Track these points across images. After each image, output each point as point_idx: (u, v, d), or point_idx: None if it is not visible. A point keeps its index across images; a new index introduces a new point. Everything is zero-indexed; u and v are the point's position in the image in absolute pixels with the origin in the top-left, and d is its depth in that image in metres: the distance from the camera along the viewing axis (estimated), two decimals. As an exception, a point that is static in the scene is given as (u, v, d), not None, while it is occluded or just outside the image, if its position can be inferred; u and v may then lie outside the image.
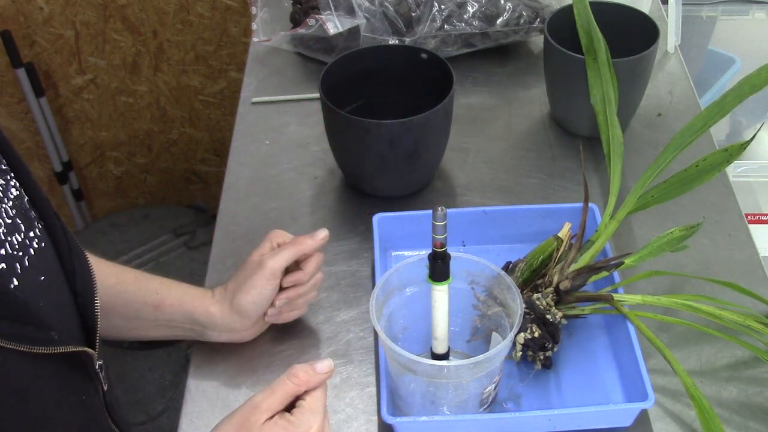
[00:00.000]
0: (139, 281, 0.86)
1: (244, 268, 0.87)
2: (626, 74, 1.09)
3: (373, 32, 1.28)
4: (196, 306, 0.86)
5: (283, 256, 0.85)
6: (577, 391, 0.88)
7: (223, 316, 0.86)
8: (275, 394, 0.66)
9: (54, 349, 0.60)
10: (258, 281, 0.84)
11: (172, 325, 0.88)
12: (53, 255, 0.65)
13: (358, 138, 1.04)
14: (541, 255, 0.95)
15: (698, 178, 0.94)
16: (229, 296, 0.86)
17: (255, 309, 0.86)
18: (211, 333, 0.88)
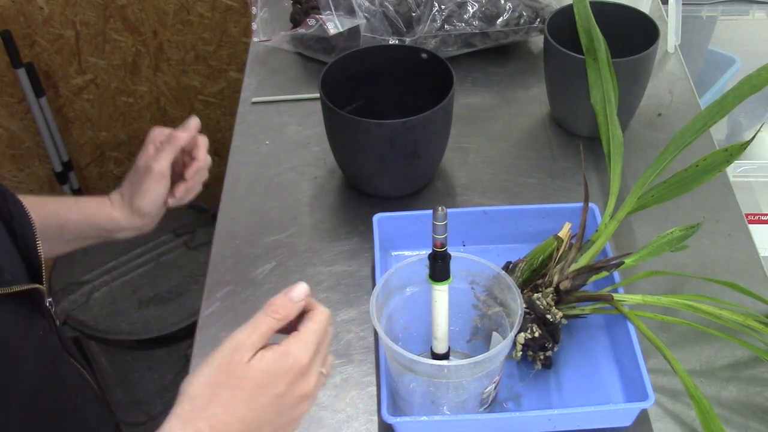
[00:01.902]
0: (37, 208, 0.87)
1: (134, 172, 0.92)
2: (626, 74, 1.09)
3: (373, 32, 1.28)
4: (99, 216, 0.92)
5: (165, 157, 0.91)
6: (577, 391, 0.88)
7: (126, 218, 0.92)
8: (258, 330, 0.62)
9: (9, 288, 0.63)
10: (150, 185, 0.90)
11: (80, 237, 0.93)
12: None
13: (358, 138, 1.04)
14: (541, 255, 0.95)
15: (698, 178, 0.94)
16: (127, 202, 0.92)
17: (153, 208, 0.92)
18: (118, 234, 0.94)
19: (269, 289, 1.00)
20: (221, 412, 0.58)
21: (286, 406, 0.61)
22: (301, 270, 1.03)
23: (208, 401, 0.59)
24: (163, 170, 0.90)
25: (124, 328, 1.72)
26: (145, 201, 0.91)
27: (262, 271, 1.03)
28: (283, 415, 0.62)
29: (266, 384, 0.60)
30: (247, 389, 0.59)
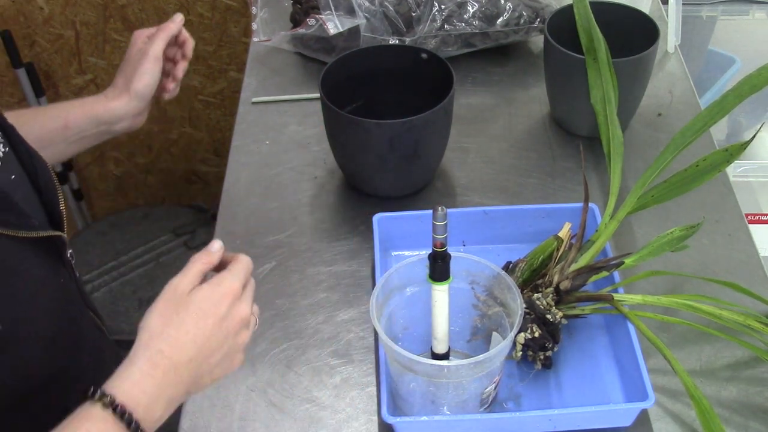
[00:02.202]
0: (39, 115, 0.97)
1: (127, 63, 1.00)
2: (626, 74, 1.09)
3: (373, 32, 1.28)
4: (98, 109, 0.98)
5: (159, 43, 0.99)
6: (577, 391, 0.88)
7: (123, 105, 0.99)
8: (188, 273, 0.70)
9: (36, 233, 0.70)
10: (146, 67, 0.98)
11: (82, 136, 0.99)
12: (16, 159, 0.75)
13: (358, 138, 1.04)
14: (541, 255, 0.95)
15: (698, 178, 0.94)
16: (123, 89, 0.99)
17: (150, 90, 1.00)
18: (115, 127, 1.00)
19: (269, 289, 1.00)
20: (174, 334, 0.67)
21: (230, 331, 0.70)
22: (301, 270, 1.03)
23: (162, 327, 0.67)
24: (157, 54, 0.98)
25: (124, 328, 1.72)
26: (142, 83, 0.98)
27: (262, 271, 1.03)
28: (228, 340, 0.70)
29: (208, 307, 0.68)
30: (193, 313, 0.68)
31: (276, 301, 0.99)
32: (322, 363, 0.92)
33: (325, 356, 0.93)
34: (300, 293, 1.00)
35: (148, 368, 0.65)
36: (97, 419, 0.62)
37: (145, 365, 0.65)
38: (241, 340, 0.71)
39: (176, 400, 0.67)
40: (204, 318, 0.68)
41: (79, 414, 0.62)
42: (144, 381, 0.64)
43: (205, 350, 0.68)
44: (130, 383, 0.64)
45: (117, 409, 0.62)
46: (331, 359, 0.92)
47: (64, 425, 0.62)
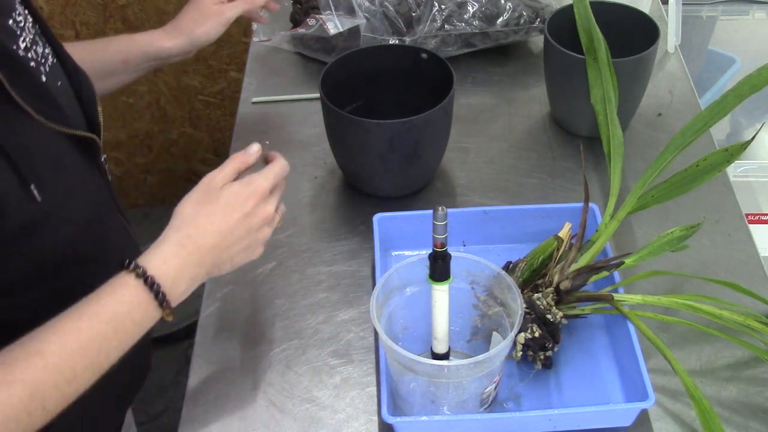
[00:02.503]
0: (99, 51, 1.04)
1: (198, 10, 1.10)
2: (626, 74, 1.09)
3: (373, 32, 1.28)
4: (156, 47, 1.07)
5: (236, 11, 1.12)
6: (578, 391, 0.88)
7: (179, 47, 1.08)
8: (225, 169, 0.80)
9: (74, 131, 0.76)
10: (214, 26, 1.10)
11: (137, 70, 1.08)
12: (62, 70, 0.81)
13: (358, 138, 1.04)
14: (541, 255, 0.95)
15: (698, 178, 0.94)
16: (185, 32, 1.09)
17: (208, 42, 1.11)
18: (169, 60, 1.10)
19: (269, 289, 1.00)
20: (202, 222, 0.76)
21: (252, 227, 0.79)
22: (301, 270, 1.03)
23: (193, 215, 0.77)
24: (230, 20, 1.12)
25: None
26: (205, 36, 1.09)
27: (262, 271, 1.03)
28: (250, 235, 0.80)
29: (236, 203, 0.78)
30: (221, 206, 0.77)
31: (276, 301, 0.99)
32: (322, 363, 0.92)
33: (325, 356, 0.93)
34: (300, 293, 1.00)
35: (177, 249, 0.75)
36: (129, 286, 0.71)
37: (174, 246, 0.75)
38: (262, 236, 0.81)
39: (198, 279, 0.77)
40: (230, 212, 0.77)
41: (114, 282, 0.72)
42: (172, 259, 0.74)
43: (227, 240, 0.77)
44: (160, 260, 0.74)
45: (148, 279, 0.72)
46: (331, 359, 0.92)
47: (101, 290, 0.71)
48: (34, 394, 0.64)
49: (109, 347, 0.70)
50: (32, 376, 0.65)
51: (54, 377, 0.66)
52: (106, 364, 0.70)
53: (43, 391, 0.65)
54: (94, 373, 0.69)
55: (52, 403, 0.66)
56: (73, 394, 0.68)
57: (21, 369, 0.64)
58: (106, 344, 0.69)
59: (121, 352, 0.72)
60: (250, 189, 0.79)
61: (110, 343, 0.70)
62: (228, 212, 0.77)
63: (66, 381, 0.67)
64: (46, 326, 0.68)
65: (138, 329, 0.72)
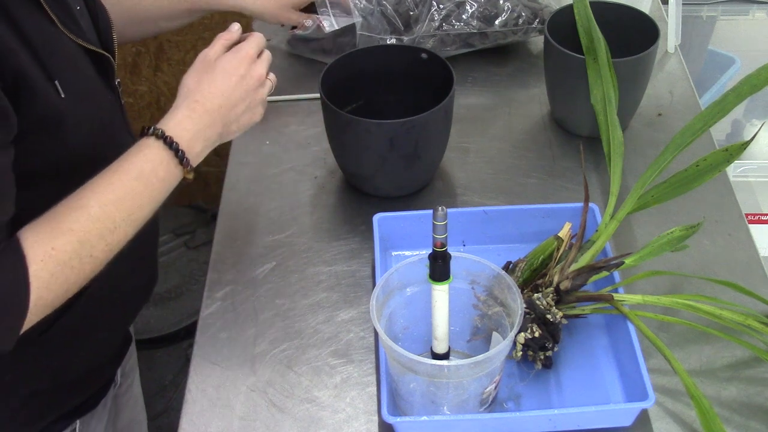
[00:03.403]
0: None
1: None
2: (626, 74, 1.09)
3: (370, 31, 1.28)
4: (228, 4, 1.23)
5: None
6: (578, 391, 0.88)
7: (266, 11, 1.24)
8: (214, 46, 0.90)
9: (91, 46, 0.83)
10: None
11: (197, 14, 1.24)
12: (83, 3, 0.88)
13: (358, 138, 1.04)
14: (541, 255, 0.95)
15: (698, 178, 0.94)
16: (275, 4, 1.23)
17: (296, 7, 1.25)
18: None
19: (269, 289, 1.01)
20: (206, 88, 0.87)
21: (249, 87, 0.90)
22: (301, 270, 1.03)
23: (196, 84, 0.87)
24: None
25: (124, 327, 1.72)
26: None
27: (262, 271, 1.03)
28: (249, 95, 0.90)
29: (231, 68, 0.89)
30: (219, 72, 0.88)
31: (276, 301, 0.99)
32: (322, 363, 0.92)
33: (325, 356, 0.93)
34: (300, 293, 1.00)
35: (188, 113, 0.85)
36: (152, 147, 0.81)
37: (185, 111, 0.85)
38: (259, 96, 0.92)
39: (211, 140, 0.88)
40: (228, 76, 0.88)
41: (137, 145, 0.81)
42: (185, 122, 0.84)
43: (231, 100, 0.88)
44: (174, 123, 0.84)
45: (167, 139, 0.82)
46: (331, 359, 0.92)
47: (127, 153, 0.81)
48: (83, 242, 0.74)
49: (141, 201, 0.80)
50: (79, 226, 0.74)
51: (98, 227, 0.75)
52: (142, 216, 0.80)
53: (91, 240, 0.75)
54: (131, 225, 0.79)
55: (98, 251, 0.76)
56: (116, 244, 0.78)
57: (69, 221, 0.74)
58: (138, 198, 0.79)
59: (153, 207, 0.82)
60: (241, 55, 0.90)
61: (142, 197, 0.80)
62: (226, 76, 0.88)
63: (109, 231, 0.76)
64: (83, 187, 0.77)
65: (164, 186, 0.82)
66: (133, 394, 1.17)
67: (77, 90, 0.79)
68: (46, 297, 0.72)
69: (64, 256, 0.72)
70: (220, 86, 0.87)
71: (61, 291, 0.73)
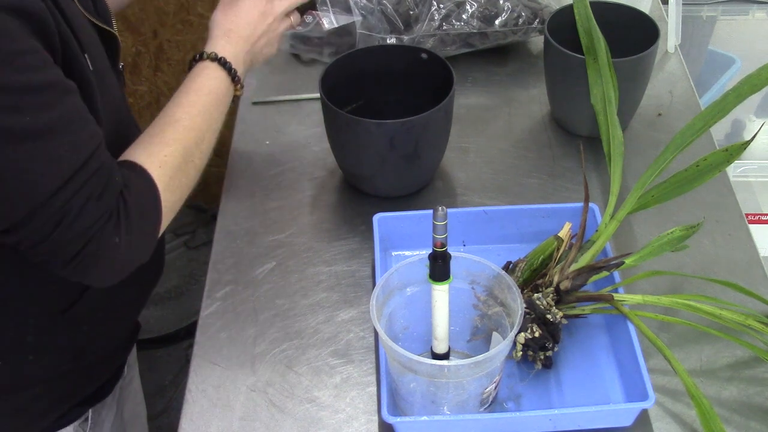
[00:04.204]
0: None
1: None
2: (626, 74, 1.09)
3: (369, 30, 1.28)
4: None
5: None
6: (578, 391, 0.88)
7: None
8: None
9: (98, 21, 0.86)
10: None
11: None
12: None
13: (358, 138, 1.04)
14: (541, 255, 0.95)
15: (698, 178, 0.94)
16: None
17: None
18: None
19: (269, 289, 1.01)
20: (234, 19, 0.98)
21: (270, 22, 1.00)
22: (301, 270, 1.03)
23: (225, 17, 0.98)
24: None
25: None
26: None
27: (262, 271, 1.03)
28: (270, 29, 1.00)
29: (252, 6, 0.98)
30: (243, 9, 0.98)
31: (276, 301, 0.99)
32: (322, 363, 0.92)
33: (325, 356, 0.93)
34: (300, 293, 1.00)
35: (226, 41, 0.96)
36: (210, 68, 0.93)
37: (223, 39, 0.96)
38: (277, 31, 1.02)
39: (247, 64, 0.99)
40: (251, 10, 0.98)
41: (196, 69, 0.92)
42: (226, 47, 0.95)
43: (256, 32, 0.99)
44: (220, 48, 0.95)
45: (221, 60, 0.93)
46: (331, 359, 0.92)
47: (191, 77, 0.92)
48: (186, 149, 0.84)
49: (216, 113, 0.91)
50: (180, 136, 0.84)
51: (192, 136, 0.85)
52: (217, 128, 0.91)
53: (190, 147, 0.85)
54: (213, 134, 0.90)
55: (197, 158, 0.86)
56: (206, 151, 0.89)
57: (170, 132, 0.84)
58: (214, 110, 0.90)
59: (222, 119, 0.92)
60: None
61: (216, 109, 0.91)
62: (249, 12, 0.98)
63: (200, 139, 0.87)
64: (168, 106, 0.88)
65: (226, 100, 0.94)
66: (134, 387, 1.18)
67: (98, 67, 0.83)
68: (170, 199, 0.82)
69: (175, 161, 0.82)
70: (245, 18, 0.97)
71: (178, 193, 0.84)
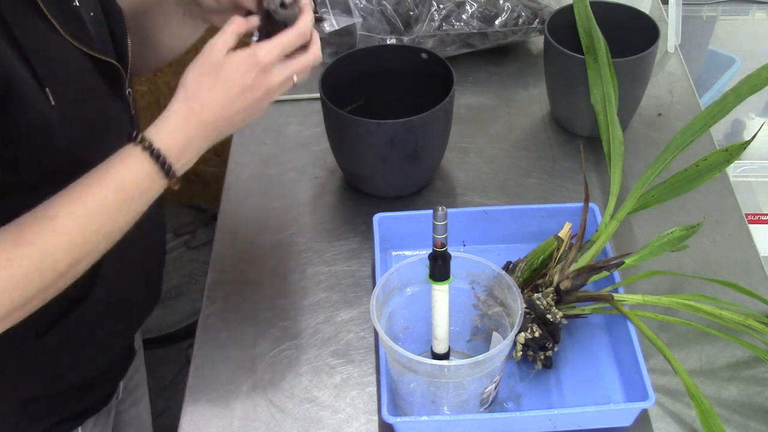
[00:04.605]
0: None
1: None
2: (626, 74, 1.09)
3: (369, 31, 1.28)
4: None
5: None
6: (578, 391, 0.88)
7: None
8: (224, 33, 0.78)
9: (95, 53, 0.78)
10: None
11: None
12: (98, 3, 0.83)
13: (358, 138, 1.04)
14: (541, 255, 0.95)
15: (698, 178, 0.94)
16: None
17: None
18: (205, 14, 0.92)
19: (269, 289, 1.00)
20: (206, 96, 0.77)
21: (253, 99, 0.79)
22: (301, 270, 1.03)
23: (197, 87, 0.77)
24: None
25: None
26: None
27: (262, 271, 1.03)
28: (251, 107, 0.79)
29: (236, 75, 0.77)
30: (222, 78, 0.77)
31: (276, 301, 0.99)
32: (322, 363, 0.92)
33: (325, 356, 0.93)
34: (300, 293, 1.00)
35: (182, 122, 0.77)
36: (137, 157, 0.74)
37: (179, 120, 0.77)
38: (263, 105, 0.80)
39: (203, 148, 0.81)
40: (231, 86, 0.77)
41: (121, 153, 0.75)
42: (177, 132, 0.76)
43: (229, 111, 0.78)
44: (166, 133, 0.76)
45: (154, 152, 0.75)
46: (331, 359, 0.92)
47: (110, 161, 0.74)
48: (44, 255, 0.69)
49: (117, 214, 0.74)
50: (42, 238, 0.69)
51: (64, 240, 0.70)
52: (117, 229, 0.75)
53: (54, 253, 0.69)
54: (106, 237, 0.74)
55: (64, 265, 0.70)
56: (86, 257, 0.73)
57: (32, 232, 0.69)
58: (114, 211, 0.73)
59: (132, 219, 0.76)
60: (253, 60, 0.77)
61: (119, 210, 0.74)
62: (229, 86, 0.77)
63: (76, 244, 0.71)
64: (56, 196, 0.71)
65: (146, 197, 0.77)
66: (138, 413, 1.13)
67: (71, 101, 0.75)
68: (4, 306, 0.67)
69: (19, 269, 0.67)
70: (219, 96, 0.77)
71: (20, 302, 0.68)
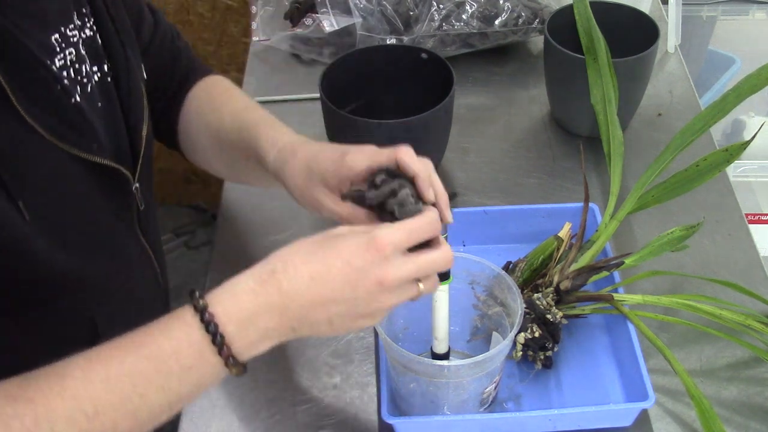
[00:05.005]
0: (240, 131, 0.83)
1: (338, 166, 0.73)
2: (626, 74, 1.09)
3: (369, 31, 1.28)
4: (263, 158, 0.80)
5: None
6: (578, 391, 0.88)
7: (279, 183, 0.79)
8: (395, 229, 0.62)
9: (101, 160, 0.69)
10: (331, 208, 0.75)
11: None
12: (113, 88, 0.75)
13: (358, 138, 1.04)
14: (541, 255, 0.95)
15: (698, 178, 0.94)
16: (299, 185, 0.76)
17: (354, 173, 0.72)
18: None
19: (269, 289, 1.00)
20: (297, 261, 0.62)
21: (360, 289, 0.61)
22: (301, 270, 1.03)
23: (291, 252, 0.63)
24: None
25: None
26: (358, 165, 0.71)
27: (262, 271, 1.03)
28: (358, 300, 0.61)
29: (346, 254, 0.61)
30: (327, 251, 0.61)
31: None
32: (322, 363, 0.92)
33: (325, 356, 0.93)
34: (300, 293, 1.00)
35: (254, 284, 0.60)
36: (183, 322, 0.58)
37: (252, 282, 0.60)
38: (375, 306, 0.62)
39: (277, 333, 0.61)
40: (335, 263, 0.60)
41: (173, 313, 0.60)
42: (244, 297, 0.60)
43: (321, 294, 0.60)
44: (230, 295, 0.60)
45: (205, 316, 0.58)
46: (331, 359, 0.92)
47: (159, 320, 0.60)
48: (40, 418, 0.55)
49: (146, 388, 0.57)
50: (44, 398, 0.56)
51: (69, 406, 0.56)
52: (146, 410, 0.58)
53: (54, 419, 0.55)
54: (124, 417, 0.57)
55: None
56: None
57: (35, 387, 0.56)
58: (142, 384, 0.57)
59: (171, 400, 0.59)
60: (372, 243, 0.61)
61: (148, 383, 0.57)
62: (331, 261, 0.61)
63: (84, 415, 0.56)
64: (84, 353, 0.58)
65: (188, 377, 0.59)
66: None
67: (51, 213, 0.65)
68: None
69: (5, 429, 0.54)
70: (315, 269, 0.61)
71: None
